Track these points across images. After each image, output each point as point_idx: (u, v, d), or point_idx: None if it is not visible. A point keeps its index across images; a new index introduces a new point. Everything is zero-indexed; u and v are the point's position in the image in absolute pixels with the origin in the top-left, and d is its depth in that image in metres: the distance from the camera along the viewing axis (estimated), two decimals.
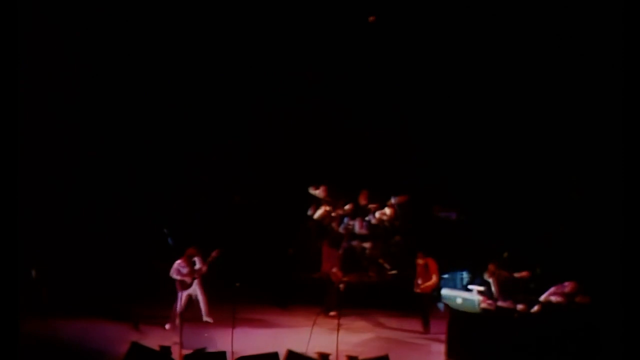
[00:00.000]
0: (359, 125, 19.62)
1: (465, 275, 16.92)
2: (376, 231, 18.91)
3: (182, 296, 16.24)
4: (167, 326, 16.18)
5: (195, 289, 16.39)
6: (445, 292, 15.27)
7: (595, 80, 17.05)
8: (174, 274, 16.23)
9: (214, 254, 16.26)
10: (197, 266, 16.30)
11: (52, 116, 18.65)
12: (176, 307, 16.24)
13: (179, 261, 16.28)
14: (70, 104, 19.13)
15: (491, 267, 15.18)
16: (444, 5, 18.76)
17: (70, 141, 19.16)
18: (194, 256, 16.33)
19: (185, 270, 16.25)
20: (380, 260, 18.71)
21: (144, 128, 19.79)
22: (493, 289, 14.94)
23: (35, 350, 14.14)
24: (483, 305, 14.43)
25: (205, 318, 16.44)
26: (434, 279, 16.28)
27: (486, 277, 15.16)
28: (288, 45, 19.75)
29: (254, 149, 20.22)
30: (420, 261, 16.43)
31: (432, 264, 16.37)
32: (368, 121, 19.64)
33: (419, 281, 16.37)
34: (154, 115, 19.80)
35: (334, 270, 18.09)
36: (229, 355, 13.39)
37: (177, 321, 15.78)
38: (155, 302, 16.94)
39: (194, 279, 16.28)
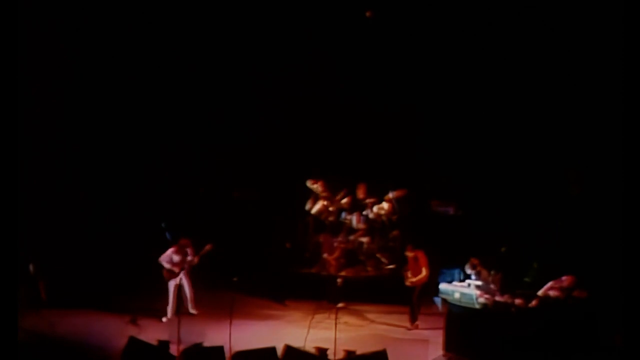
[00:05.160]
0: (357, 120, 19.62)
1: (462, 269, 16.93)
2: (374, 226, 18.94)
3: (171, 287, 16.27)
4: (164, 319, 16.20)
5: (183, 280, 16.40)
6: (443, 286, 15.24)
7: (594, 75, 17.07)
8: (163, 261, 16.25)
9: (206, 247, 16.27)
10: (189, 257, 16.32)
11: (49, 112, 18.64)
12: (169, 298, 16.28)
13: (171, 249, 16.30)
14: (69, 100, 19.15)
15: (474, 261, 15.15)
16: (443, 2, 18.78)
17: (67, 137, 19.16)
18: (187, 247, 16.35)
19: (176, 259, 16.27)
20: (378, 255, 18.73)
21: (142, 123, 19.80)
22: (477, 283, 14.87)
23: (34, 345, 14.20)
24: (481, 299, 14.45)
25: (191, 310, 16.45)
26: (424, 272, 16.08)
27: (468, 269, 15.13)
28: (286, 40, 19.76)
29: (252, 144, 20.23)
30: (409, 254, 16.28)
31: (422, 257, 16.17)
32: (366, 116, 19.64)
33: (409, 274, 16.22)
34: (152, 112, 19.81)
35: (325, 255, 18.21)
36: (226, 350, 13.44)
37: (171, 315, 15.85)
38: (153, 296, 16.95)
39: (182, 269, 16.29)
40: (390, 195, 18.85)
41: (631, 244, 10.90)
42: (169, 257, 16.29)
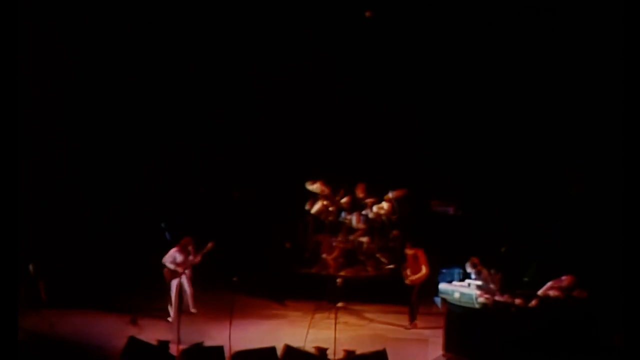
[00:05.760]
0: (356, 120, 19.61)
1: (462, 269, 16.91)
2: (373, 225, 18.93)
3: (173, 286, 16.28)
4: (170, 318, 16.19)
5: (183, 279, 16.40)
6: (442, 286, 15.22)
7: (594, 75, 17.06)
8: (167, 261, 16.23)
9: (208, 245, 16.26)
10: (191, 256, 16.32)
11: (49, 112, 18.64)
12: (171, 298, 16.29)
13: (174, 249, 16.30)
14: (69, 100, 19.14)
15: (474, 260, 15.14)
16: (443, 2, 18.77)
17: (67, 137, 19.16)
18: (189, 246, 16.35)
19: (179, 259, 16.27)
20: (378, 255, 18.73)
21: (142, 123, 19.79)
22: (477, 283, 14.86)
23: (34, 345, 14.19)
24: (481, 299, 14.43)
25: (191, 309, 16.45)
26: (424, 270, 16.06)
27: (468, 268, 15.12)
28: (286, 40, 19.76)
29: (252, 144, 20.22)
30: (408, 252, 16.27)
31: (421, 255, 16.15)
32: (366, 116, 19.64)
33: (408, 272, 16.20)
34: (152, 112, 19.80)
35: (324, 255, 18.21)
36: (226, 350, 13.43)
37: (173, 315, 15.87)
38: (153, 296, 16.95)
39: (185, 268, 16.29)
40: (390, 195, 18.85)
41: (631, 244, 10.90)
42: (172, 257, 16.28)
